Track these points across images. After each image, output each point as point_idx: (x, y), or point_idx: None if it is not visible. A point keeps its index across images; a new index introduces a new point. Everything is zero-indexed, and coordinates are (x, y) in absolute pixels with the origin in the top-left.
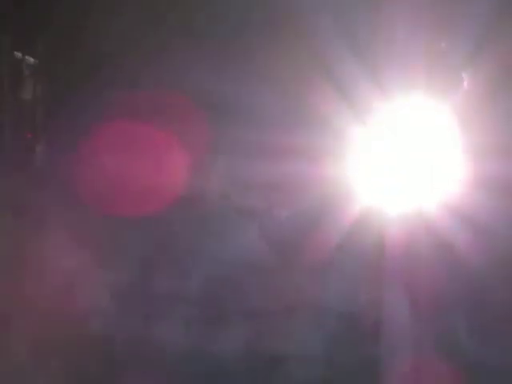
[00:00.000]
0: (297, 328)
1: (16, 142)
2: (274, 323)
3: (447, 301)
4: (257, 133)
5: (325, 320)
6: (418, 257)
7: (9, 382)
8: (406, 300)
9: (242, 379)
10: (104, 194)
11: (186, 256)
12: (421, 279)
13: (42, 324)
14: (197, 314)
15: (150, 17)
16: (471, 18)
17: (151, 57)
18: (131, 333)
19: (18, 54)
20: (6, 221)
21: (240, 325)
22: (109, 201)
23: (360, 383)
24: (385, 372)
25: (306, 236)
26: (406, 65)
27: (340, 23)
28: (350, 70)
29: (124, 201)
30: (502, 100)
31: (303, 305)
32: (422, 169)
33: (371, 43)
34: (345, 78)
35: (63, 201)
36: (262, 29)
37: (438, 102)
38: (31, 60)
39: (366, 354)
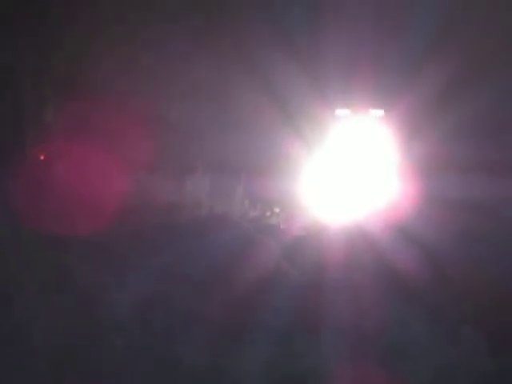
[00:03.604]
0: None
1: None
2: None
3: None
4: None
5: None
6: (357, 265)
7: None
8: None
9: None
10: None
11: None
12: (360, 287)
13: None
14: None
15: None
16: (414, 31)
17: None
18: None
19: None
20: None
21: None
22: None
23: None
24: None
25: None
26: (348, 77)
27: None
28: (292, 81)
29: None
30: (445, 114)
31: None
32: (362, 182)
33: (314, 55)
34: (287, 90)
35: None
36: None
37: (378, 115)
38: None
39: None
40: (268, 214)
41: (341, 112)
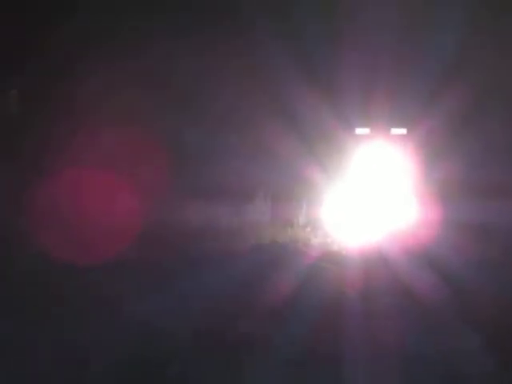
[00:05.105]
0: None
1: None
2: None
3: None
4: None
5: None
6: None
7: None
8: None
9: None
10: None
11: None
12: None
13: None
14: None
15: None
16: (438, 48)
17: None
18: None
19: None
20: None
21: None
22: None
23: None
24: None
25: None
26: (368, 95)
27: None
28: (311, 107)
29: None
30: (469, 134)
31: None
32: (382, 204)
33: (333, 72)
34: (307, 117)
35: None
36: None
37: (400, 134)
38: None
39: None
40: (329, 240)
41: (361, 131)
